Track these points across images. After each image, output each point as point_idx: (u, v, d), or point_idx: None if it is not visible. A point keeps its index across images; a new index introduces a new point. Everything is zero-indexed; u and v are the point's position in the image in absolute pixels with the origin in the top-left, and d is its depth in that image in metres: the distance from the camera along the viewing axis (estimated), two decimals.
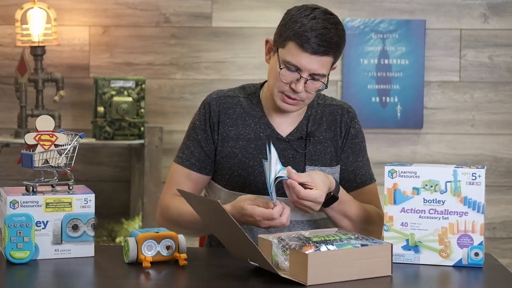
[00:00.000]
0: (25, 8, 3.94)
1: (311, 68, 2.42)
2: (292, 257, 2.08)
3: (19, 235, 2.21)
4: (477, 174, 2.23)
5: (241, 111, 2.57)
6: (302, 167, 2.52)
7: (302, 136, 2.55)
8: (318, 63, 2.42)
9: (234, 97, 2.59)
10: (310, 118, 2.58)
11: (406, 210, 2.27)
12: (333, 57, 2.45)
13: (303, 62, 2.42)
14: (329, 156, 2.56)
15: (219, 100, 2.58)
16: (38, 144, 2.29)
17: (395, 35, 4.07)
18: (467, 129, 4.15)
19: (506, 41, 4.12)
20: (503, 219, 4.16)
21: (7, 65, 4.11)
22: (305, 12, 2.43)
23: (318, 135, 2.56)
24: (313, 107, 2.59)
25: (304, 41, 2.40)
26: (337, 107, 2.62)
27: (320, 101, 2.62)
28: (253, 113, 2.57)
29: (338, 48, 2.45)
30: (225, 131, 2.55)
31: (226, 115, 2.56)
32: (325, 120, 2.59)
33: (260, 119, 2.56)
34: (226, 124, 2.56)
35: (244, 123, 2.56)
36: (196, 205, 2.30)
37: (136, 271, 2.18)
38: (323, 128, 2.58)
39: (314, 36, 2.39)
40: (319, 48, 2.40)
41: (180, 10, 4.11)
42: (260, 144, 2.53)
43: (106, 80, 3.89)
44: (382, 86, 4.09)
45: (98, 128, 3.88)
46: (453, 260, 2.25)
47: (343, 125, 2.59)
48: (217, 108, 2.57)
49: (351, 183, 2.58)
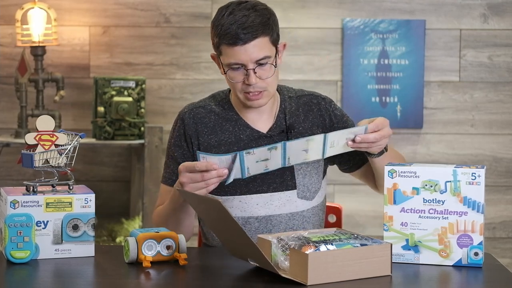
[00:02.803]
0: (26, 8, 3.94)
1: (251, 57, 2.43)
2: (292, 257, 2.08)
3: (20, 235, 2.22)
4: (476, 174, 2.23)
5: (216, 117, 2.58)
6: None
7: (283, 129, 2.56)
8: (254, 48, 2.43)
9: (205, 107, 2.60)
10: (286, 111, 2.58)
11: (406, 210, 2.27)
12: (265, 35, 2.44)
13: (240, 56, 2.43)
14: None
15: (192, 113, 2.59)
16: (38, 144, 2.30)
17: (395, 35, 4.07)
18: (467, 129, 4.15)
19: (506, 41, 4.12)
20: (502, 219, 4.16)
21: (8, 65, 4.11)
22: (222, 13, 2.46)
23: (297, 127, 2.57)
24: (285, 100, 2.60)
25: (230, 38, 2.42)
26: (310, 96, 2.63)
27: (291, 94, 2.63)
28: (228, 117, 2.57)
29: (266, 26, 2.44)
30: (205, 141, 2.56)
31: (203, 125, 2.57)
32: (301, 111, 2.60)
33: (237, 122, 2.57)
34: (205, 133, 2.57)
35: (222, 128, 2.57)
36: (196, 205, 2.31)
37: (136, 271, 2.18)
38: (301, 119, 2.59)
39: (236, 28, 2.41)
40: (246, 36, 2.42)
41: (180, 10, 4.11)
42: (243, 145, 2.54)
43: (106, 80, 3.89)
44: (382, 86, 4.09)
45: (98, 128, 3.89)
46: (452, 260, 2.25)
47: (325, 112, 2.61)
48: (191, 121, 2.58)
49: (350, 163, 2.62)
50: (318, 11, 4.07)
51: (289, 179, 2.54)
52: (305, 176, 2.55)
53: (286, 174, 2.53)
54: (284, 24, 4.02)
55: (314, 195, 2.57)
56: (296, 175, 2.54)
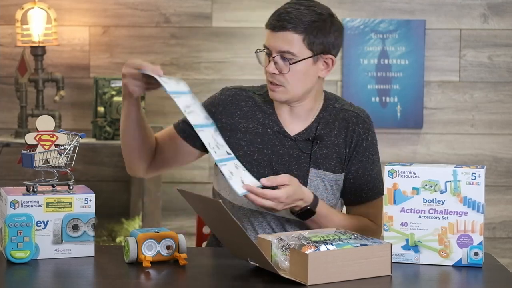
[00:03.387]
0: (26, 8, 3.94)
1: (275, 45, 2.46)
2: (292, 257, 2.08)
3: (20, 235, 2.21)
4: (476, 174, 2.23)
5: (253, 105, 2.58)
6: (306, 169, 2.52)
7: (309, 137, 2.54)
8: (280, 39, 2.45)
9: (248, 92, 2.61)
10: (321, 121, 2.56)
11: (406, 210, 2.27)
12: (295, 33, 2.44)
13: (268, 40, 2.48)
14: (334, 162, 2.54)
15: (234, 91, 2.61)
16: (38, 144, 2.30)
17: (395, 35, 4.07)
18: (467, 129, 4.15)
19: (506, 41, 4.12)
20: (502, 219, 4.16)
21: (8, 65, 4.11)
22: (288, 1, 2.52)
23: (326, 140, 2.54)
24: (327, 110, 2.57)
25: (269, 22, 2.48)
26: (353, 114, 2.58)
27: (337, 104, 2.59)
28: (264, 108, 2.58)
29: (303, 25, 2.44)
30: (234, 123, 2.56)
31: (238, 107, 2.58)
32: (337, 125, 2.56)
33: (270, 116, 2.57)
34: (237, 116, 2.57)
35: (254, 117, 2.57)
36: (196, 205, 2.31)
37: (136, 271, 2.18)
38: (334, 133, 2.55)
39: (277, 15, 2.46)
40: (276, 23, 2.45)
41: (180, 10, 4.11)
42: (267, 140, 2.54)
43: (106, 80, 3.89)
44: (382, 86, 4.09)
45: (98, 128, 3.89)
46: (452, 260, 2.25)
47: (356, 135, 2.55)
48: (229, 98, 2.59)
49: (356, 197, 2.57)
50: None
51: None
52: (317, 189, 2.51)
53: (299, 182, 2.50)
54: None
55: None
56: (308, 185, 2.50)
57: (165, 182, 4.04)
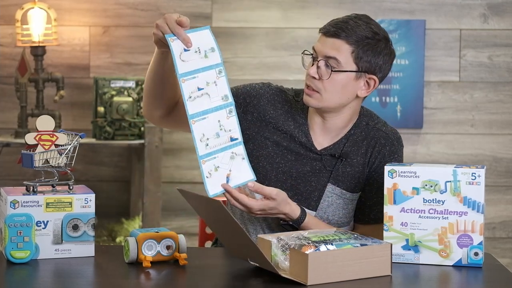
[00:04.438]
0: (26, 8, 3.94)
1: (322, 49, 2.44)
2: (292, 257, 2.08)
3: (20, 235, 2.21)
4: (476, 174, 2.23)
5: (288, 109, 2.55)
6: (324, 183, 2.49)
7: (335, 154, 2.50)
8: (330, 44, 2.43)
9: (288, 95, 2.58)
10: (350, 138, 2.52)
11: (406, 210, 2.27)
12: (346, 42, 2.43)
13: (318, 44, 2.46)
14: (355, 182, 2.50)
15: (274, 89, 2.58)
16: (38, 144, 2.30)
17: (395, 35, 4.07)
18: (467, 129, 4.15)
19: (506, 41, 4.12)
20: (502, 219, 4.16)
21: (8, 65, 4.11)
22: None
23: (352, 157, 2.50)
24: (359, 127, 2.53)
25: (323, 27, 2.47)
26: (383, 134, 2.53)
27: (371, 122, 2.55)
28: (296, 117, 2.54)
29: (355, 37, 2.43)
30: (265, 120, 2.53)
31: (273, 107, 2.54)
32: (365, 144, 2.52)
33: (301, 126, 2.53)
34: (269, 114, 2.53)
35: (285, 122, 2.53)
36: (196, 205, 2.31)
37: (136, 271, 2.18)
38: (361, 152, 2.51)
39: (333, 21, 2.47)
40: (330, 29, 2.44)
41: (180, 10, 4.11)
42: (292, 147, 2.51)
43: (106, 80, 3.89)
44: (382, 86, 4.09)
45: (98, 128, 3.89)
46: (452, 260, 2.25)
47: (380, 156, 2.51)
48: (267, 95, 2.55)
49: (364, 217, 2.53)
50: (318, 11, 4.06)
51: (314, 199, 2.48)
52: (330, 205, 2.49)
53: (314, 194, 2.49)
54: (284, 24, 4.02)
55: (334, 225, 2.50)
56: (322, 200, 2.49)
57: (165, 182, 4.04)
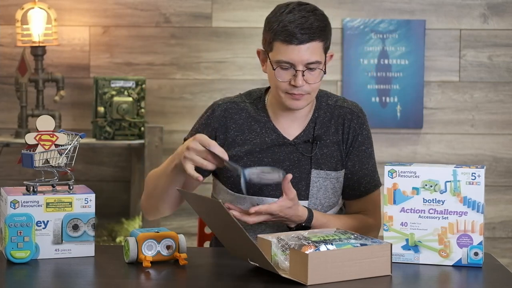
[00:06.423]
0: (26, 8, 3.94)
1: (302, 59, 2.42)
2: (292, 257, 2.09)
3: (20, 235, 2.22)
4: (476, 174, 2.23)
5: (247, 116, 2.57)
6: (308, 171, 2.53)
7: (308, 139, 2.54)
8: (307, 51, 2.42)
9: (239, 103, 2.59)
10: (317, 121, 2.56)
11: (405, 210, 2.27)
12: (320, 41, 2.44)
13: (293, 55, 2.42)
14: (335, 160, 2.55)
15: (224, 106, 2.58)
16: (38, 144, 2.30)
17: (395, 35, 4.07)
18: (467, 129, 4.15)
19: (506, 41, 4.12)
20: (502, 219, 4.16)
21: (8, 65, 4.11)
22: (280, 10, 2.45)
23: (325, 139, 2.55)
24: (321, 108, 2.58)
25: (287, 35, 2.41)
26: (347, 110, 2.59)
27: (330, 101, 2.60)
28: (258, 118, 2.56)
29: (323, 31, 2.44)
30: (231, 137, 2.55)
31: (232, 121, 2.56)
32: (333, 123, 2.57)
33: (265, 124, 2.56)
34: (232, 129, 2.56)
35: (249, 128, 2.56)
36: (196, 205, 2.31)
37: (136, 271, 2.18)
38: (331, 131, 2.56)
39: (294, 27, 2.41)
40: (303, 37, 2.41)
41: (180, 10, 4.11)
42: (265, 148, 2.53)
43: (106, 80, 3.89)
44: (382, 86, 4.09)
45: (98, 128, 3.89)
46: (452, 260, 2.25)
47: (351, 131, 2.57)
48: (222, 113, 2.57)
49: (355, 192, 2.58)
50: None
51: (303, 189, 2.52)
52: (319, 190, 2.53)
53: (301, 184, 2.52)
54: None
55: (326, 209, 2.55)
56: (311, 187, 2.52)
57: None
